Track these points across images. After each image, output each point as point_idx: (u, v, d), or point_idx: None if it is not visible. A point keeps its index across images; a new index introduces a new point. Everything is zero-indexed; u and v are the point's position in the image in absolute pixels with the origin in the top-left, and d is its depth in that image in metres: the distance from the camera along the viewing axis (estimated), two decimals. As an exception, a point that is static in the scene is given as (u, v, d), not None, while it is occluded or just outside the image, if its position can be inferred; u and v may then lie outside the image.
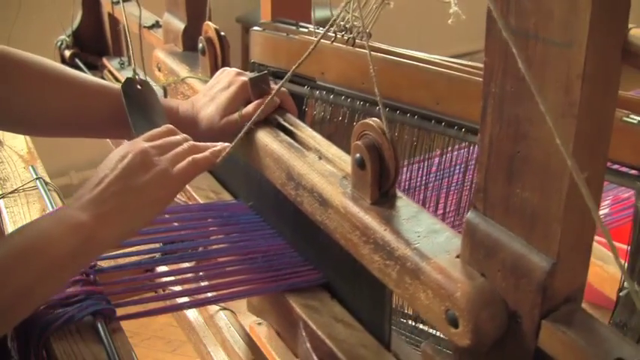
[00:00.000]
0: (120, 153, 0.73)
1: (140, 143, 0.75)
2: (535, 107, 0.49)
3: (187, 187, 1.09)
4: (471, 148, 0.92)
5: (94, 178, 0.71)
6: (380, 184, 0.68)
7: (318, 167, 0.75)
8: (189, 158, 0.76)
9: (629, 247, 0.78)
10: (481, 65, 0.90)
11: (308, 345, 0.76)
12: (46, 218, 0.73)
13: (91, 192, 0.70)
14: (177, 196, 1.11)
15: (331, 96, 1.02)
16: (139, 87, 0.90)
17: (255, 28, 1.12)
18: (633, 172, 0.76)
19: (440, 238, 0.63)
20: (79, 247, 0.67)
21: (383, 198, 0.68)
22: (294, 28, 1.08)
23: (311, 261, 0.87)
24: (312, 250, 0.86)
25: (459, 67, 0.90)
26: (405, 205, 0.68)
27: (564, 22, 0.45)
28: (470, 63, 0.93)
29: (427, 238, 0.62)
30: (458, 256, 0.59)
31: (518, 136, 0.51)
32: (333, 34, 1.00)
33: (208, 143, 0.81)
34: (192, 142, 0.79)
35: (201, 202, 1.05)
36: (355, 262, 0.69)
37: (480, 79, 0.84)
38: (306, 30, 1.07)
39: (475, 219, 0.57)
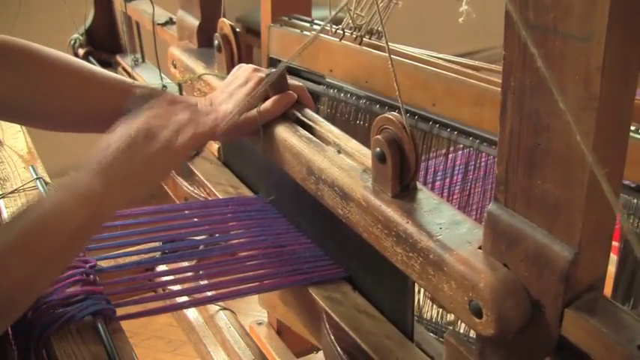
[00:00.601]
0: (126, 126, 0.76)
1: (145, 116, 0.77)
2: (555, 100, 0.50)
3: (206, 182, 1.10)
4: (466, 150, 0.93)
5: (101, 150, 0.73)
6: (400, 177, 0.69)
7: (338, 161, 0.76)
8: (192, 128, 0.78)
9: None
10: (481, 65, 0.92)
11: (332, 337, 0.77)
12: (60, 191, 0.73)
13: (99, 163, 0.71)
14: (196, 191, 1.13)
15: (341, 94, 1.03)
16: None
17: (272, 24, 1.13)
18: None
19: (462, 230, 0.63)
20: (89, 219, 0.69)
21: (404, 191, 0.69)
22: (308, 25, 1.09)
23: (331, 254, 0.88)
24: (332, 243, 0.88)
25: (458, 67, 0.91)
26: (426, 198, 0.69)
27: (583, 16, 0.46)
28: (471, 62, 0.94)
29: (449, 230, 0.63)
30: (480, 248, 0.60)
31: (538, 129, 0.52)
32: (342, 32, 1.01)
33: (211, 112, 0.83)
34: (195, 110, 0.81)
35: (220, 196, 1.06)
36: (377, 254, 0.70)
37: (477, 82, 0.86)
38: (319, 27, 1.09)
39: (497, 210, 0.58)
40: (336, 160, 0.77)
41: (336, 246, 0.87)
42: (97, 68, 0.96)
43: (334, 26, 1.02)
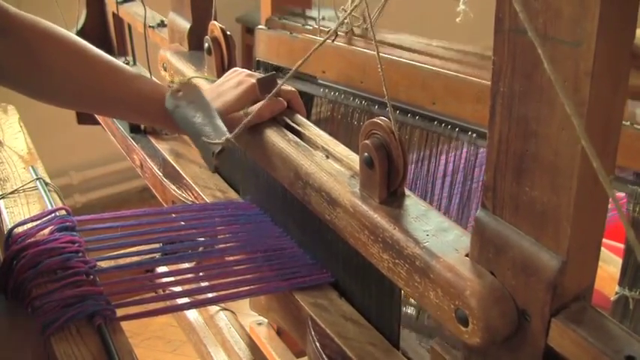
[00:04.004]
0: None
1: None
2: (544, 106, 0.50)
3: (194, 186, 1.09)
4: (466, 150, 0.93)
5: None
6: (388, 183, 0.68)
7: (326, 166, 0.75)
8: None
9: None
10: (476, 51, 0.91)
11: (317, 343, 0.76)
12: None
13: None
14: (184, 195, 1.12)
15: (335, 94, 1.03)
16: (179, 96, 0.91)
17: (261, 26, 1.13)
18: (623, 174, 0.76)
19: (449, 237, 0.63)
20: None
21: (391, 197, 0.68)
22: (300, 24, 1.08)
23: (319, 259, 0.87)
24: (320, 249, 0.87)
25: (460, 57, 0.90)
26: (413, 204, 0.68)
27: (573, 21, 0.45)
28: (470, 49, 0.93)
29: (436, 237, 0.62)
30: (467, 255, 0.59)
31: (527, 135, 0.51)
32: (335, 33, 1.00)
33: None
34: None
35: (208, 201, 1.05)
36: (364, 260, 0.69)
37: (477, 79, 0.85)
38: (310, 27, 1.08)
39: (484, 217, 0.57)
40: (323, 164, 0.76)
41: (324, 251, 0.86)
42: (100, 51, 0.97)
43: (327, 27, 1.02)
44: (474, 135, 0.89)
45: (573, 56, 0.46)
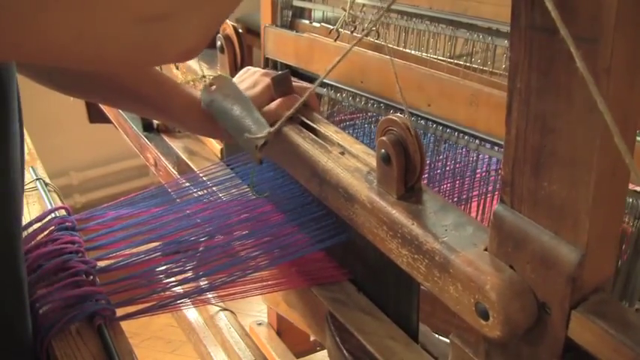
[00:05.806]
0: None
1: None
2: (561, 102, 0.50)
3: (207, 182, 1.10)
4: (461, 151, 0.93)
5: None
6: (405, 178, 0.69)
7: (343, 163, 0.76)
8: None
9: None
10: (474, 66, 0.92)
11: (337, 338, 0.77)
12: None
13: None
14: (199, 192, 1.13)
15: (337, 94, 1.03)
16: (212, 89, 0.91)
17: (267, 25, 1.13)
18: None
19: (467, 231, 0.63)
20: None
21: (409, 192, 0.69)
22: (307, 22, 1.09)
23: (336, 255, 0.88)
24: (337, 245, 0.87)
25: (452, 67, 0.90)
26: (431, 199, 0.68)
27: (590, 17, 0.46)
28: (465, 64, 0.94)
29: (455, 232, 0.63)
30: (486, 249, 0.60)
31: (544, 130, 0.52)
32: (337, 32, 1.01)
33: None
34: None
35: (220, 195, 1.06)
36: (382, 255, 0.70)
37: (471, 82, 0.85)
38: (318, 25, 1.08)
39: (503, 212, 0.57)
40: (340, 161, 0.77)
41: (341, 247, 0.87)
42: None
43: (330, 26, 1.02)
44: (469, 138, 0.89)
45: (591, 52, 0.46)
